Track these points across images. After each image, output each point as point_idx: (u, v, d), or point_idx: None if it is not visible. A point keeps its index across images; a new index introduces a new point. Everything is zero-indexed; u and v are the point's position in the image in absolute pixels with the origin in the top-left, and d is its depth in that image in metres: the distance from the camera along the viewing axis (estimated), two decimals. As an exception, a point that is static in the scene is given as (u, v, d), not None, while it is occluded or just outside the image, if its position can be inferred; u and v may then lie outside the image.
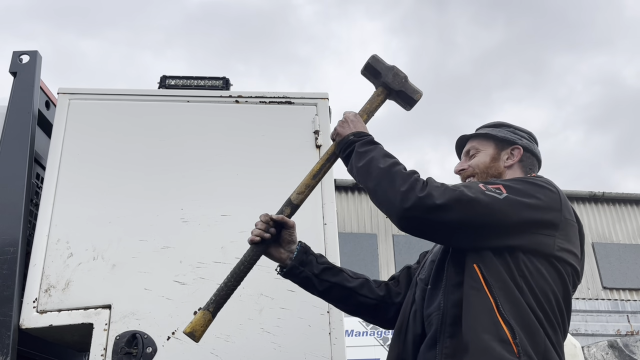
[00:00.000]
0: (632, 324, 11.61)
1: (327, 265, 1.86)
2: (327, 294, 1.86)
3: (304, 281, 1.83)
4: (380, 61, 1.89)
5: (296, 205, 1.79)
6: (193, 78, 2.90)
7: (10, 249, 2.34)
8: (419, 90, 1.89)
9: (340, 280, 1.84)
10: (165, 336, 2.21)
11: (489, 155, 1.88)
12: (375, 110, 1.88)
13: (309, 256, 1.84)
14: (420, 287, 1.73)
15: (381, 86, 1.88)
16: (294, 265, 1.80)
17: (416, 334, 1.63)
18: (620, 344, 5.54)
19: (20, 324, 2.23)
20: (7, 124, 2.59)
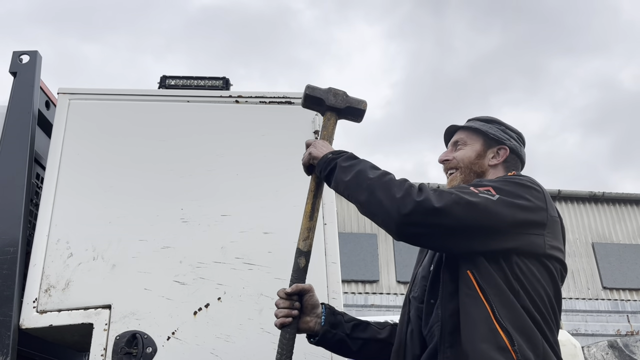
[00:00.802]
0: (632, 324, 11.61)
1: (355, 322, 1.82)
2: (362, 352, 1.79)
3: (338, 344, 1.77)
4: (316, 88, 1.91)
5: (307, 252, 1.74)
6: (193, 78, 2.90)
7: (10, 249, 2.34)
8: (362, 100, 1.92)
9: (372, 334, 1.81)
10: (165, 336, 2.21)
11: (475, 151, 1.87)
12: (332, 135, 1.89)
13: (337, 316, 1.78)
14: (414, 306, 1.70)
15: (327, 111, 1.91)
16: (327, 330, 1.73)
17: (415, 354, 1.60)
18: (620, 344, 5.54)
19: (20, 324, 2.23)
20: (7, 124, 2.59)
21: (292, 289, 1.69)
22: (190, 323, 2.24)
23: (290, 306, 1.68)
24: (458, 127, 1.95)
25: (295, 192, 2.52)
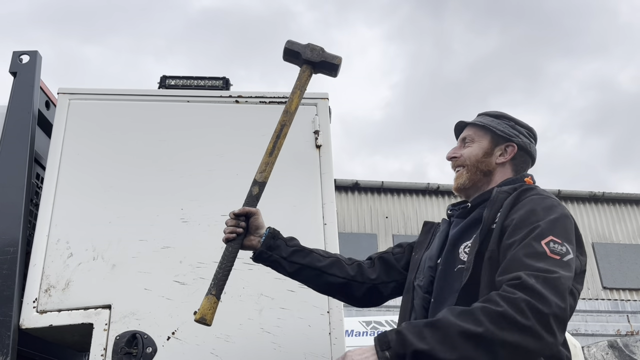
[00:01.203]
0: (632, 324, 11.61)
1: (297, 248, 1.91)
2: (297, 275, 1.90)
3: (274, 265, 1.89)
4: (295, 43, 2.05)
5: (261, 183, 1.91)
6: (193, 78, 2.90)
7: (10, 249, 2.34)
8: (337, 56, 2.02)
9: (310, 261, 1.89)
10: (165, 336, 2.21)
11: (483, 149, 1.85)
12: (305, 85, 2.03)
13: (277, 240, 1.89)
14: (419, 295, 1.71)
15: (304, 64, 2.03)
16: (262, 251, 1.86)
17: None
18: (620, 344, 5.54)
19: (20, 324, 2.23)
20: (7, 124, 2.59)
21: (240, 210, 1.85)
22: (190, 323, 2.23)
23: (236, 225, 1.82)
24: (466, 123, 1.94)
25: (295, 192, 2.52)
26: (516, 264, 1.37)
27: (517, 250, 1.41)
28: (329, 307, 2.27)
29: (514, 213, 1.55)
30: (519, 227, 1.48)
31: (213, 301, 1.72)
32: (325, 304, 2.27)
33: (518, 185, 1.71)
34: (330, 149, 2.62)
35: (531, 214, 1.50)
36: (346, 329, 3.71)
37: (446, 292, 1.61)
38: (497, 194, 1.65)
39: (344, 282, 1.90)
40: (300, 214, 2.47)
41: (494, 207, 1.61)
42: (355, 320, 7.51)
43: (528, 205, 1.54)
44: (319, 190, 2.52)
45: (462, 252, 1.64)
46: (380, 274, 1.95)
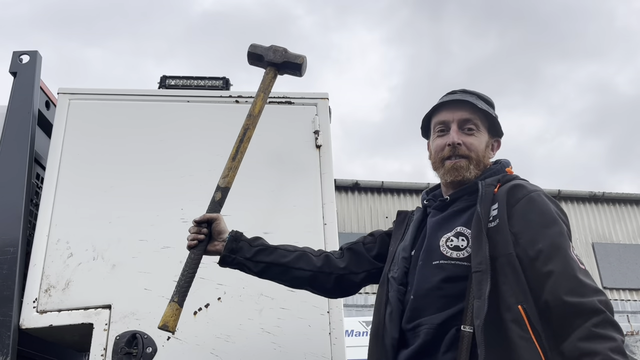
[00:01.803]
0: (632, 324, 11.61)
1: (260, 247, 1.88)
2: (264, 274, 1.89)
3: (239, 267, 1.87)
4: (258, 46, 2.06)
5: (224, 188, 1.93)
6: (193, 78, 2.90)
7: (10, 249, 2.34)
8: (300, 55, 2.03)
9: (275, 258, 1.86)
10: (165, 336, 2.21)
11: (485, 143, 1.74)
12: (270, 87, 2.04)
13: (240, 242, 1.87)
14: (394, 287, 1.66)
15: (268, 66, 2.05)
16: (225, 255, 1.84)
17: (393, 337, 1.59)
18: (620, 344, 5.55)
19: (20, 324, 2.23)
20: (7, 124, 2.59)
21: (201, 217, 1.86)
22: (190, 323, 2.24)
23: (198, 232, 1.82)
24: (471, 104, 1.71)
25: (295, 192, 2.52)
26: (575, 282, 1.38)
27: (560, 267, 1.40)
28: (329, 307, 2.27)
29: (520, 218, 1.50)
30: (539, 238, 1.45)
31: (175, 308, 1.72)
32: (325, 304, 2.27)
33: (501, 176, 1.65)
34: (330, 149, 2.62)
35: (544, 223, 1.48)
36: (346, 329, 3.71)
37: (425, 286, 1.56)
38: (484, 189, 1.59)
39: (311, 275, 1.87)
40: (300, 214, 2.47)
41: (485, 203, 1.55)
42: (355, 320, 7.51)
43: (534, 209, 1.51)
44: (319, 190, 2.51)
45: (443, 245, 1.58)
46: (349, 264, 1.89)
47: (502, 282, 1.42)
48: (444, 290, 1.52)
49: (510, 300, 1.39)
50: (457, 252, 1.55)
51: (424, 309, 1.55)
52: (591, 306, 1.32)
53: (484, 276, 1.41)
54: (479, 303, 1.40)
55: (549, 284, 1.38)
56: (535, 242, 1.45)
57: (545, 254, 1.42)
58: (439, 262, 1.57)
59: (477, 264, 1.45)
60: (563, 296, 1.35)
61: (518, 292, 1.39)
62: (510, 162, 1.77)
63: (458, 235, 1.58)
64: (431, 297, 1.54)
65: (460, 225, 1.60)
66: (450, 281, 1.52)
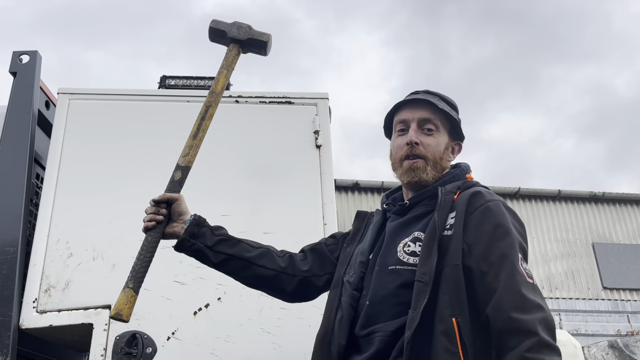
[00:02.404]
0: (632, 324, 11.60)
1: (223, 237, 1.75)
2: (223, 266, 1.75)
3: (197, 254, 1.73)
4: (220, 22, 1.95)
5: (185, 167, 1.81)
6: (193, 78, 2.90)
7: (10, 249, 2.34)
8: (265, 33, 1.93)
9: (238, 251, 1.74)
10: (165, 336, 2.21)
11: (444, 144, 1.68)
12: (233, 65, 1.93)
13: (202, 228, 1.73)
14: (348, 292, 1.59)
15: (231, 42, 1.94)
16: (185, 238, 1.70)
17: (340, 344, 1.52)
18: (620, 344, 5.54)
19: (20, 324, 2.23)
20: (7, 124, 2.59)
21: (160, 197, 1.72)
22: (190, 323, 2.24)
23: (156, 212, 1.69)
24: (432, 104, 1.67)
25: (295, 192, 2.52)
26: (518, 298, 1.33)
27: (505, 280, 1.36)
28: (329, 307, 2.27)
29: (475, 228, 1.45)
30: (491, 251, 1.41)
31: (130, 295, 1.59)
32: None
33: (461, 183, 1.60)
34: (330, 149, 2.62)
35: (497, 235, 1.44)
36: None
37: (381, 292, 1.51)
38: (443, 196, 1.54)
39: (274, 275, 1.75)
40: (300, 214, 2.47)
41: (443, 211, 1.50)
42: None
43: (489, 220, 1.46)
44: (319, 190, 2.51)
45: (400, 251, 1.54)
46: (312, 266, 1.80)
47: (443, 292, 1.38)
48: (400, 297, 1.47)
49: (446, 311, 1.36)
50: (413, 258, 1.50)
51: (379, 315, 1.49)
52: (528, 327, 1.28)
53: (425, 288, 1.38)
54: (413, 314, 1.36)
55: (494, 298, 1.34)
56: (487, 255, 1.41)
57: (494, 267, 1.39)
58: (395, 267, 1.52)
59: (421, 274, 1.42)
60: (505, 311, 1.31)
61: (455, 304, 1.36)
62: (470, 166, 1.73)
63: (415, 241, 1.53)
64: (387, 304, 1.49)
65: (418, 230, 1.55)
66: (406, 287, 1.46)
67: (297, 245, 2.44)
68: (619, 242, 12.89)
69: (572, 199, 13.17)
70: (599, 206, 13.32)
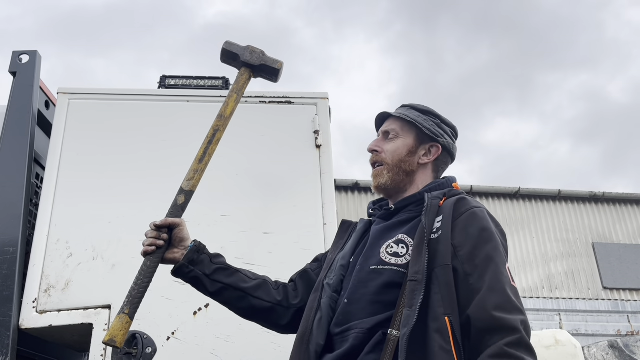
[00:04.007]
0: (632, 324, 11.60)
1: (221, 266, 1.75)
2: (219, 295, 1.74)
3: (194, 281, 1.73)
4: (234, 44, 1.93)
5: (189, 191, 1.77)
6: (193, 78, 2.89)
7: (10, 249, 2.33)
8: (278, 60, 1.92)
9: (235, 281, 1.74)
10: (165, 336, 2.20)
11: (407, 147, 1.74)
12: (243, 89, 1.93)
13: (201, 255, 1.73)
14: (327, 294, 1.61)
15: (242, 66, 1.93)
16: (183, 264, 1.70)
17: (319, 344, 1.53)
18: (620, 344, 5.53)
19: (20, 324, 2.23)
20: (7, 123, 2.59)
21: (161, 221, 1.71)
22: (190, 323, 2.24)
23: (157, 237, 1.68)
24: (390, 115, 1.80)
25: (295, 192, 2.52)
26: (503, 297, 1.37)
27: (489, 281, 1.39)
28: (329, 307, 2.27)
29: (461, 231, 1.49)
30: (476, 253, 1.45)
31: (125, 321, 1.57)
32: (325, 304, 2.27)
33: (447, 191, 1.66)
34: (330, 149, 2.62)
35: (483, 238, 1.48)
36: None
37: (360, 290, 1.53)
38: (430, 201, 1.59)
39: (269, 307, 1.75)
40: (300, 214, 2.47)
41: (429, 214, 1.54)
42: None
43: (475, 224, 1.51)
44: (319, 190, 2.51)
45: (383, 252, 1.56)
46: (303, 296, 1.79)
47: (435, 291, 1.41)
48: (379, 295, 1.49)
49: (439, 310, 1.38)
50: (395, 259, 1.53)
51: (355, 313, 1.51)
52: (510, 324, 1.31)
53: (419, 286, 1.41)
54: (409, 312, 1.38)
55: (478, 298, 1.37)
56: (472, 257, 1.44)
57: (479, 269, 1.42)
58: (377, 267, 1.54)
59: (413, 273, 1.44)
60: (489, 310, 1.34)
61: (447, 303, 1.39)
62: (456, 178, 1.79)
63: (398, 243, 1.56)
64: (364, 302, 1.51)
65: (402, 233, 1.58)
66: (386, 287, 1.49)
67: (297, 245, 2.45)
68: (619, 242, 12.89)
69: (572, 199, 13.17)
70: (599, 206, 13.31)
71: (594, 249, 12.59)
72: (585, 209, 13.17)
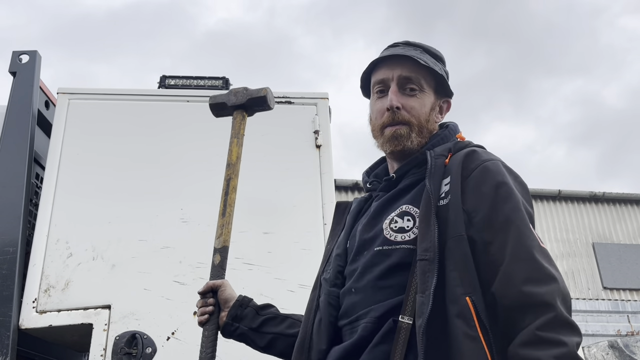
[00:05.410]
0: (632, 324, 11.60)
1: (269, 316, 1.59)
2: (272, 348, 1.58)
3: (242, 338, 1.61)
4: (217, 96, 1.98)
5: (221, 248, 1.73)
6: (193, 78, 2.89)
7: (10, 249, 2.33)
8: (261, 89, 1.92)
9: (284, 328, 1.56)
10: (165, 336, 2.20)
11: (429, 105, 1.46)
12: (241, 131, 1.94)
13: (245, 309, 1.60)
14: (325, 291, 1.41)
15: (234, 110, 1.96)
16: (227, 323, 1.58)
17: (320, 349, 1.35)
18: (620, 344, 5.53)
19: (19, 324, 2.22)
20: (7, 123, 2.59)
21: (204, 288, 1.63)
22: (190, 323, 2.24)
23: (204, 304, 1.60)
24: (414, 60, 1.44)
25: (295, 192, 2.52)
26: (530, 266, 1.16)
27: (513, 249, 1.19)
28: (329, 307, 2.27)
29: (473, 192, 1.26)
30: (494, 216, 1.23)
31: None
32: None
33: (452, 144, 1.41)
34: (330, 149, 2.62)
35: (499, 197, 1.25)
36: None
37: (367, 276, 1.32)
38: (433, 161, 1.35)
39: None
40: (300, 214, 2.47)
41: (434, 177, 1.31)
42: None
43: (488, 181, 1.27)
44: (319, 190, 2.51)
45: (386, 228, 1.33)
46: None
47: (450, 269, 1.19)
48: (387, 279, 1.28)
49: (457, 290, 1.16)
50: (402, 235, 1.29)
51: (363, 301, 1.31)
52: (543, 300, 1.11)
53: (431, 266, 1.19)
54: (422, 299, 1.17)
55: (502, 270, 1.16)
56: (490, 222, 1.22)
57: (500, 235, 1.20)
58: (382, 248, 1.32)
59: (423, 251, 1.22)
60: (517, 284, 1.14)
61: (466, 281, 1.17)
62: (458, 125, 1.53)
63: (403, 215, 1.32)
64: (373, 288, 1.30)
65: (406, 203, 1.35)
66: (394, 269, 1.28)
67: (297, 245, 2.45)
68: (619, 242, 12.89)
69: (572, 199, 13.17)
70: (599, 206, 13.31)
71: (594, 249, 12.59)
72: (585, 209, 13.16)
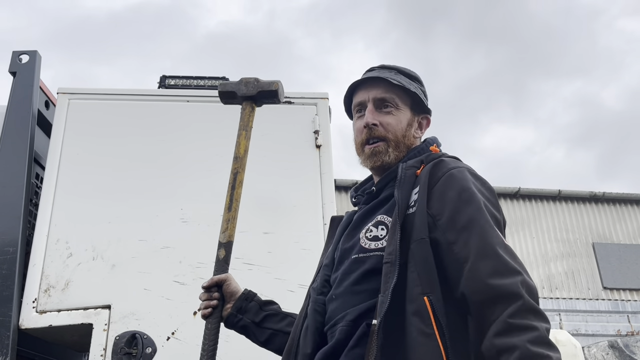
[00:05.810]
0: (632, 324, 11.60)
1: (271, 312, 1.65)
2: (271, 343, 1.63)
3: (243, 331, 1.65)
4: (228, 83, 1.95)
5: (226, 243, 1.72)
6: (193, 78, 2.89)
7: (10, 249, 2.33)
8: (273, 82, 1.90)
9: (285, 326, 1.61)
10: (165, 336, 2.20)
11: (406, 120, 1.53)
12: (250, 123, 1.92)
13: (250, 303, 1.65)
14: (312, 299, 1.48)
15: (243, 101, 1.93)
16: (232, 314, 1.62)
17: (305, 353, 1.41)
18: (620, 344, 5.54)
19: (19, 324, 2.22)
20: (7, 123, 2.59)
21: (208, 282, 1.65)
22: (190, 323, 2.24)
23: (209, 298, 1.63)
24: (387, 81, 1.53)
25: (295, 191, 2.52)
26: (494, 261, 1.21)
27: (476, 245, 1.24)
28: (329, 307, 2.27)
29: (438, 198, 1.33)
30: (457, 217, 1.29)
31: None
32: (325, 304, 2.27)
33: (425, 156, 1.47)
34: (330, 149, 2.62)
35: (462, 200, 1.31)
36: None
37: (345, 283, 1.40)
38: (404, 172, 1.42)
39: None
40: (300, 214, 2.47)
41: (404, 186, 1.38)
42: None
43: (453, 187, 1.34)
44: (319, 190, 2.51)
45: (362, 237, 1.41)
46: None
47: (411, 270, 1.25)
48: (362, 284, 1.36)
49: (415, 290, 1.23)
50: (375, 243, 1.37)
51: (342, 306, 1.38)
52: (509, 290, 1.15)
53: (392, 268, 1.25)
54: (382, 298, 1.24)
55: (467, 267, 1.21)
56: (453, 223, 1.28)
57: (463, 234, 1.26)
58: (358, 256, 1.40)
59: (387, 254, 1.29)
60: (483, 278, 1.18)
61: (425, 281, 1.23)
62: (437, 139, 1.60)
63: (378, 225, 1.40)
64: (350, 294, 1.37)
65: (382, 213, 1.43)
66: (369, 274, 1.35)
67: (297, 245, 2.45)
68: (619, 242, 12.89)
69: (572, 199, 13.17)
70: (599, 206, 13.31)
71: (594, 249, 12.59)
72: (585, 209, 13.16)
